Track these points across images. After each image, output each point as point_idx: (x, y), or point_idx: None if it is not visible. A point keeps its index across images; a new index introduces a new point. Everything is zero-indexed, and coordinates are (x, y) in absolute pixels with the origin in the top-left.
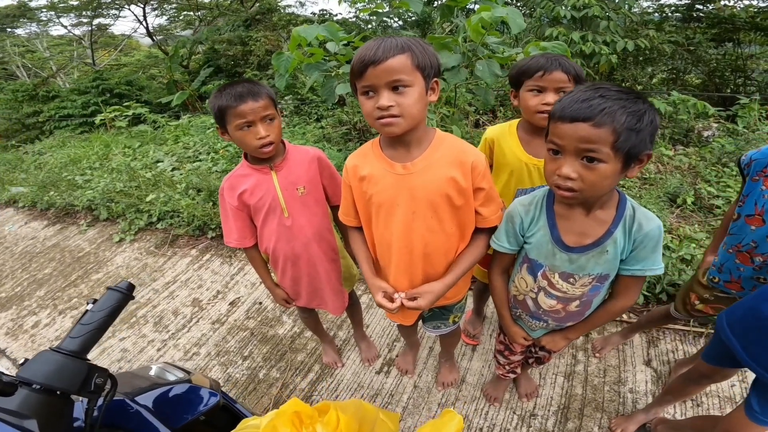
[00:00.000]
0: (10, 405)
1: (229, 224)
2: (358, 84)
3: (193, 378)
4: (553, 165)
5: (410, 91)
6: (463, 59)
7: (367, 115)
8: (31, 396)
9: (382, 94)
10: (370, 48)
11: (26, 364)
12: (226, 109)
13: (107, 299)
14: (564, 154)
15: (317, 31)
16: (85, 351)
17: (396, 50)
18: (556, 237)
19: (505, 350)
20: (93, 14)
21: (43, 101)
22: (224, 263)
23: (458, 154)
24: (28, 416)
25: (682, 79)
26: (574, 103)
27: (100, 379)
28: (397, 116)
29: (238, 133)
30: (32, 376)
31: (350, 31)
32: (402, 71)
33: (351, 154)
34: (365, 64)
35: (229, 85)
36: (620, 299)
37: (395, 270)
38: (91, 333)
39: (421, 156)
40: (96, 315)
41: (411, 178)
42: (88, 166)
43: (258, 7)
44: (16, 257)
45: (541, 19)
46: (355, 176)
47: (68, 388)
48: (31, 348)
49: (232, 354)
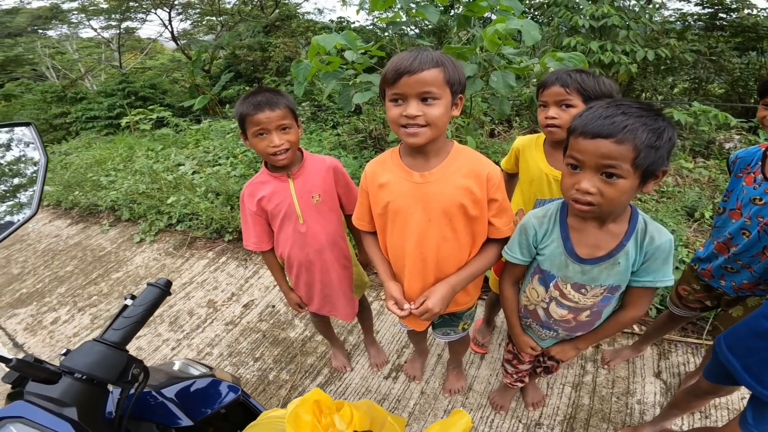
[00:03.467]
0: (52, 393)
1: (248, 228)
2: (389, 91)
3: (216, 372)
4: (571, 179)
5: (438, 104)
6: (479, 69)
7: (393, 121)
8: (73, 385)
9: (410, 104)
10: (406, 59)
11: (70, 354)
12: (246, 116)
13: (147, 294)
14: (584, 169)
15: (336, 40)
16: (125, 342)
17: (431, 64)
18: (569, 249)
19: (513, 359)
20: (121, 17)
21: (71, 103)
22: (240, 266)
23: (474, 165)
24: (69, 404)
25: (704, 88)
26: (596, 120)
27: (137, 370)
28: (422, 126)
29: (254, 140)
30: (76, 365)
31: (368, 39)
32: (433, 84)
33: (371, 161)
34: (400, 73)
35: (253, 93)
36: (630, 310)
37: (409, 276)
38: (132, 326)
39: (439, 166)
40: (137, 309)
41: (428, 186)
42: (113, 167)
43: (277, 14)
44: (39, 254)
45: (559, 27)
46: (373, 182)
47: (108, 377)
48: (49, 344)
49: (244, 355)
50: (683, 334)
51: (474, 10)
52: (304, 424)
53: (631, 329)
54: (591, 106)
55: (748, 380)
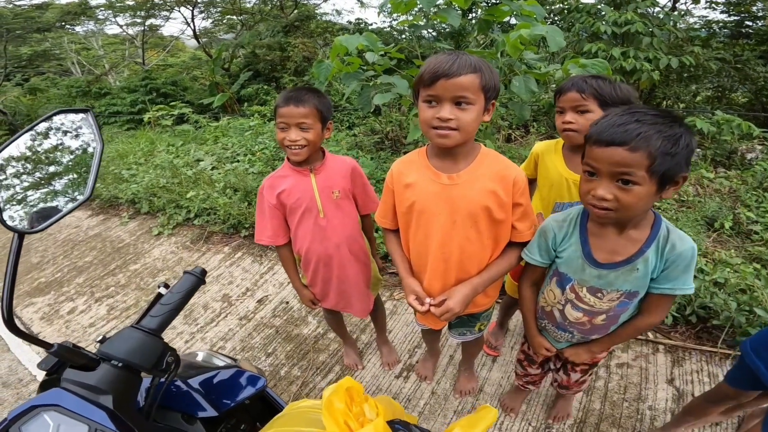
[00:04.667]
0: (90, 380)
1: (264, 222)
2: (424, 92)
3: (241, 363)
4: (588, 186)
5: (471, 109)
6: (500, 74)
7: (425, 122)
8: (111, 372)
9: (444, 107)
10: (444, 61)
11: (108, 341)
12: (276, 107)
13: (184, 282)
14: (599, 176)
15: (358, 41)
16: (162, 330)
17: (469, 69)
18: (587, 253)
19: (525, 360)
20: (146, 14)
21: (95, 97)
22: (255, 262)
23: (501, 169)
24: (106, 391)
25: (728, 97)
26: (610, 128)
27: (171, 358)
28: (454, 129)
29: (277, 130)
30: (115, 351)
31: (386, 42)
32: (469, 89)
33: (397, 160)
34: (438, 76)
35: (293, 89)
36: (648, 316)
37: (430, 275)
38: (169, 313)
39: (467, 169)
40: (174, 297)
41: (455, 189)
42: (134, 161)
43: (297, 14)
44: (59, 244)
45: (579, 34)
46: (399, 181)
47: (145, 364)
48: (65, 334)
49: (257, 350)
50: (698, 342)
51: (495, 15)
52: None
53: (646, 335)
54: (607, 114)
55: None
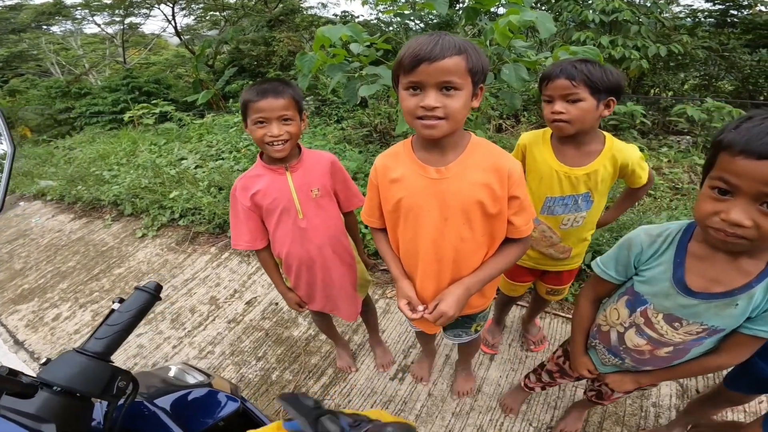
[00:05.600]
0: (29, 408)
1: (239, 226)
2: (404, 78)
3: (214, 382)
4: (715, 206)
5: (458, 95)
6: (489, 63)
7: (408, 112)
8: (52, 399)
9: (429, 94)
10: (426, 43)
11: (48, 365)
12: (248, 102)
13: (134, 300)
14: (737, 196)
15: (342, 32)
16: (110, 353)
17: (453, 50)
18: (678, 277)
19: (557, 372)
20: (125, 13)
21: (75, 98)
22: (242, 262)
23: (495, 160)
24: (47, 420)
25: (715, 85)
26: (764, 136)
27: (123, 382)
28: (441, 118)
29: (252, 128)
30: (54, 378)
31: (372, 33)
32: (455, 73)
33: (381, 154)
34: (419, 59)
35: (261, 81)
36: (725, 356)
37: (422, 276)
38: (117, 334)
39: (456, 161)
40: (123, 316)
41: (445, 183)
42: (116, 161)
43: (281, 8)
44: (42, 249)
45: (567, 23)
46: (384, 177)
47: (91, 391)
48: (50, 341)
49: (246, 354)
50: None
51: (483, 3)
52: None
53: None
54: (752, 116)
55: None
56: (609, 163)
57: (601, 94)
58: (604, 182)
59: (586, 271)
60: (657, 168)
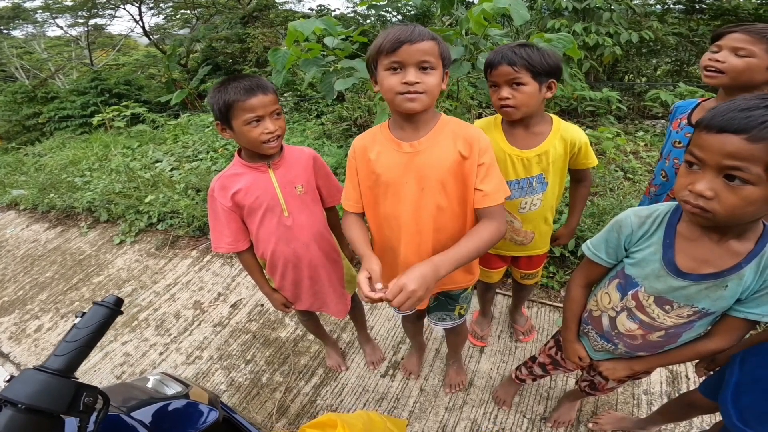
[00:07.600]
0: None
1: (220, 228)
2: (386, 59)
3: (192, 392)
4: (686, 179)
5: (434, 73)
6: (466, 52)
7: (389, 89)
8: (18, 416)
9: (410, 71)
10: (404, 30)
11: (11, 383)
12: (234, 103)
13: (93, 315)
14: (703, 168)
15: (315, 25)
16: (72, 369)
17: (428, 36)
18: (668, 258)
19: (550, 364)
20: (88, 14)
21: (43, 102)
22: (225, 264)
23: (463, 132)
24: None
25: (686, 70)
26: (729, 112)
27: (89, 399)
28: (420, 93)
29: (245, 128)
30: (16, 396)
31: (348, 26)
32: (431, 54)
33: (358, 136)
34: (401, 42)
35: (233, 80)
36: (716, 340)
37: (405, 249)
38: (78, 350)
39: (428, 135)
40: (82, 332)
41: (419, 156)
42: (87, 167)
43: (255, 4)
44: (18, 260)
45: (542, 10)
46: (363, 156)
47: (54, 408)
48: (35, 352)
49: (235, 357)
50: None
51: None
52: None
53: None
54: (734, 99)
55: None
56: (558, 143)
57: (542, 76)
58: (556, 163)
59: (570, 258)
60: (634, 152)
